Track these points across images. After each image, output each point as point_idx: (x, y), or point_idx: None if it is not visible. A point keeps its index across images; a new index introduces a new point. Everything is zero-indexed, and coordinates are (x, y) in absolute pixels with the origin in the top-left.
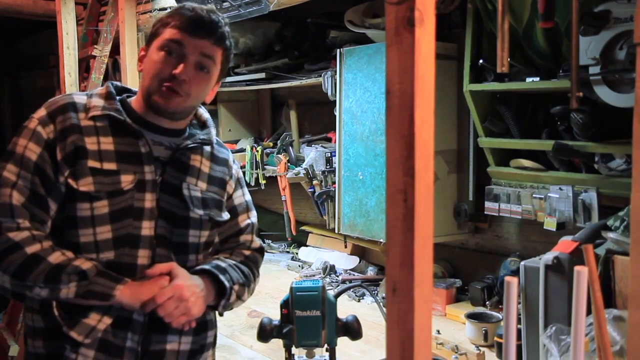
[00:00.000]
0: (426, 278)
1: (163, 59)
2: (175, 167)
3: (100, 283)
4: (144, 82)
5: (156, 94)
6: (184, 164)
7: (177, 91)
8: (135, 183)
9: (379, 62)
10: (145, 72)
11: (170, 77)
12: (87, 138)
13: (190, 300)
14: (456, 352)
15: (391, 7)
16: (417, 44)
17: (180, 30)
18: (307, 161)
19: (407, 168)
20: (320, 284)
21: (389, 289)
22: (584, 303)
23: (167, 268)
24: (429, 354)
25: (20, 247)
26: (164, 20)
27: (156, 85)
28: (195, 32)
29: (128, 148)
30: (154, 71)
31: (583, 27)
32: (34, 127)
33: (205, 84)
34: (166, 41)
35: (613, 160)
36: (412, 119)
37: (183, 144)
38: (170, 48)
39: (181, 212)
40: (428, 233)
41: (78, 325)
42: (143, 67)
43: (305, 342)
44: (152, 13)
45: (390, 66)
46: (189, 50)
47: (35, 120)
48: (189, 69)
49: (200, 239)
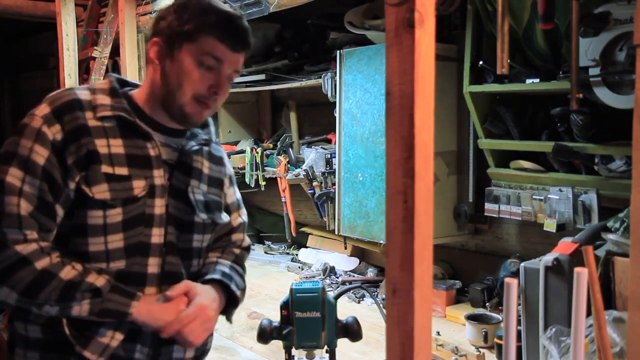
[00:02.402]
0: (426, 279)
1: (202, 73)
2: (182, 171)
3: (114, 300)
4: (170, 87)
5: (189, 106)
6: (189, 167)
7: (210, 106)
8: (147, 189)
9: (379, 64)
10: (174, 79)
11: (207, 93)
12: (97, 140)
13: (214, 319)
14: (456, 353)
15: (391, 8)
16: (417, 45)
17: (220, 42)
18: (307, 162)
19: (407, 169)
20: (320, 286)
21: (389, 290)
22: (584, 304)
23: (185, 288)
24: (429, 355)
25: (29, 261)
26: (199, 22)
27: (190, 98)
28: (235, 46)
29: (137, 151)
30: (189, 83)
31: (583, 29)
32: (39, 127)
33: (228, 92)
34: (207, 56)
35: (613, 161)
36: (412, 120)
37: (188, 145)
38: (210, 64)
39: (187, 217)
40: (428, 234)
41: (91, 344)
42: (168, 69)
43: (305, 344)
44: (152, 14)
45: (390, 67)
46: (226, 65)
47: (39, 119)
48: (225, 84)
49: (203, 243)
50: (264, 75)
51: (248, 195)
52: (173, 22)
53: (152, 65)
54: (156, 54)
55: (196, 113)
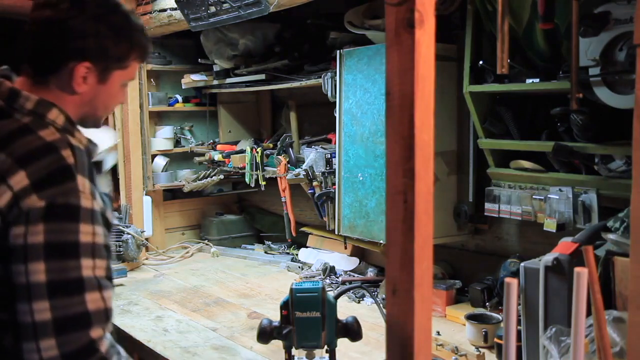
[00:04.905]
0: (426, 279)
1: (123, 92)
2: None
3: None
4: (95, 107)
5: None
6: None
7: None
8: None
9: (379, 64)
10: (102, 102)
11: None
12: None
13: None
14: (456, 353)
15: (391, 8)
16: (417, 45)
17: (140, 63)
18: (307, 162)
19: (407, 169)
20: (320, 285)
21: (389, 290)
22: (584, 304)
23: None
24: (429, 355)
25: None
26: (130, 46)
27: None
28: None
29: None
30: (115, 103)
31: (583, 29)
32: (91, 206)
33: None
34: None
35: (613, 161)
36: (412, 120)
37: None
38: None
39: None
40: (428, 234)
41: None
42: (95, 93)
43: (305, 344)
44: (152, 14)
45: (390, 67)
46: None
47: (88, 197)
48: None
49: None
50: (264, 75)
51: (248, 195)
52: (105, 42)
53: (78, 85)
54: (84, 79)
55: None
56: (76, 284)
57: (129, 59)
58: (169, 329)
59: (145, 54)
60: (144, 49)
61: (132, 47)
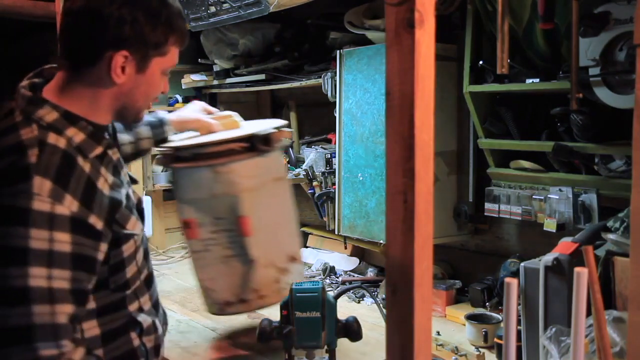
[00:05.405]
0: (426, 279)
1: (164, 81)
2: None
3: None
4: (134, 99)
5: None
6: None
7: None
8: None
9: (379, 64)
10: (142, 92)
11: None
12: (103, 184)
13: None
14: (456, 353)
15: (391, 8)
16: (417, 45)
17: (179, 49)
18: (306, 162)
19: (407, 169)
20: (320, 285)
21: (389, 290)
22: (583, 304)
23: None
24: (429, 355)
25: None
26: (169, 31)
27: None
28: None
29: (123, 171)
30: (155, 93)
31: (583, 29)
32: (49, 210)
33: None
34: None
35: (613, 161)
36: (412, 120)
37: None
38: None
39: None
40: (428, 234)
41: None
42: (135, 83)
43: (305, 344)
44: None
45: (390, 67)
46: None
47: (46, 200)
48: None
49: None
50: (263, 75)
51: None
52: (142, 28)
53: (116, 76)
54: (122, 69)
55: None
56: (20, 294)
57: (167, 45)
58: (169, 329)
59: (185, 38)
60: (183, 33)
61: (171, 32)
